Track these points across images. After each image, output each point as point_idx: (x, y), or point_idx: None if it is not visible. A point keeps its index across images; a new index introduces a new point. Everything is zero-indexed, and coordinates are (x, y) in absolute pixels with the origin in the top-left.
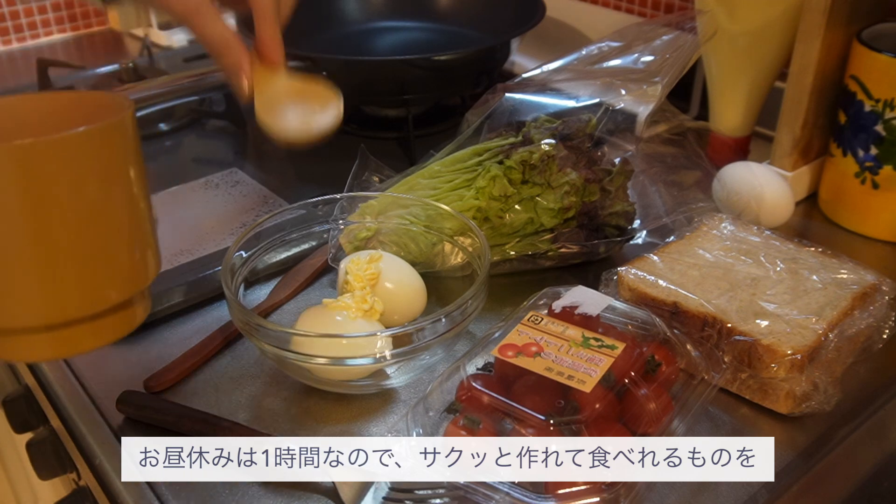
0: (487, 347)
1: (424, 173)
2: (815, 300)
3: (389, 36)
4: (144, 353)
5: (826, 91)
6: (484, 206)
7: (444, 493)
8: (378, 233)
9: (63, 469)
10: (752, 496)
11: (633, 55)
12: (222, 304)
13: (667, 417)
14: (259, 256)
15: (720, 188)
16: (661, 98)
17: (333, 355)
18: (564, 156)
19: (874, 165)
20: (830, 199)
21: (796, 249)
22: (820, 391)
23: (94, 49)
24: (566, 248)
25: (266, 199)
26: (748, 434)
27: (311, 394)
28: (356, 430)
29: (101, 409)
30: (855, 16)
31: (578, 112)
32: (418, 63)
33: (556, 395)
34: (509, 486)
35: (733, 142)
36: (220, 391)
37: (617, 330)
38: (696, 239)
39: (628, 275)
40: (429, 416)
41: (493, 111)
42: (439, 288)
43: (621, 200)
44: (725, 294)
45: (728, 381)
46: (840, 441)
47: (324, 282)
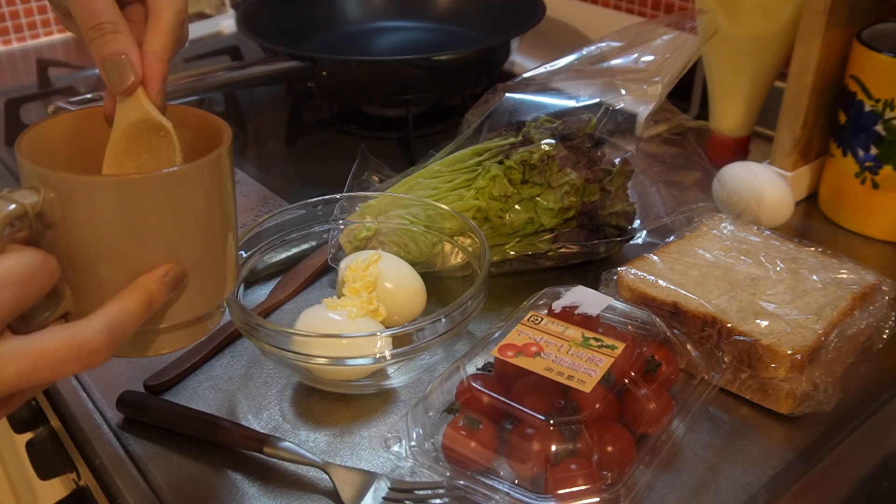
0: (487, 347)
1: (424, 173)
2: (815, 300)
3: (389, 36)
4: None
5: (826, 91)
6: (484, 206)
7: (444, 493)
8: (378, 233)
9: (63, 469)
10: (752, 496)
11: (633, 55)
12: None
13: (667, 417)
14: (259, 256)
15: (720, 188)
16: (662, 98)
17: (333, 355)
18: (564, 156)
19: (874, 165)
20: (830, 199)
21: (796, 249)
22: (820, 391)
23: None
24: (566, 248)
25: (266, 199)
26: (748, 434)
27: (311, 394)
28: (356, 430)
29: (101, 409)
30: (855, 16)
31: (578, 112)
32: (418, 63)
33: (556, 395)
34: (509, 486)
35: (733, 142)
36: (220, 391)
37: (617, 330)
38: (696, 239)
39: (628, 275)
40: (429, 416)
41: (493, 111)
42: (439, 288)
43: (621, 200)
44: (725, 294)
45: (728, 381)
46: (840, 441)
47: (324, 282)
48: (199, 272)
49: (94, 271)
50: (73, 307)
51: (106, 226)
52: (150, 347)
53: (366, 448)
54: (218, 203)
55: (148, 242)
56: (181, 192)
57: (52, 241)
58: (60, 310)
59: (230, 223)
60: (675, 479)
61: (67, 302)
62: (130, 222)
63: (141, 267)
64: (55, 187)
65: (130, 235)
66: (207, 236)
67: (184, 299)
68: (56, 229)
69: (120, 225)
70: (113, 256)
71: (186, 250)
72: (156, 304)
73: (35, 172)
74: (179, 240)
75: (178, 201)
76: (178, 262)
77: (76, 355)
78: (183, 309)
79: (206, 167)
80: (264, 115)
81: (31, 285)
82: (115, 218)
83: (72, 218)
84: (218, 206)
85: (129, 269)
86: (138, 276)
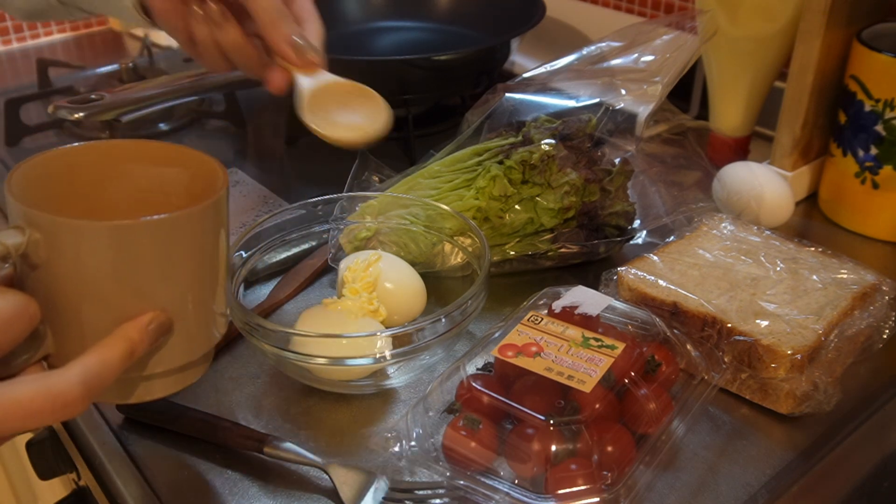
0: (487, 347)
1: (424, 173)
2: (815, 300)
3: (389, 36)
4: None
5: (826, 91)
6: (484, 206)
7: (444, 493)
8: (378, 233)
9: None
10: (752, 496)
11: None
12: None
13: (667, 417)
14: (259, 256)
15: (720, 188)
16: (662, 98)
17: (333, 355)
18: (564, 156)
19: (874, 165)
20: (830, 199)
21: (796, 249)
22: (820, 391)
23: (94, 49)
24: (566, 248)
25: (266, 199)
26: (748, 434)
27: (311, 394)
28: (356, 430)
29: (101, 409)
30: (855, 16)
31: (578, 112)
32: (418, 63)
33: (556, 395)
34: (509, 486)
35: (733, 142)
36: (220, 391)
37: (617, 330)
38: (696, 239)
39: (628, 275)
40: (429, 416)
41: (493, 111)
42: (439, 288)
43: (621, 200)
44: (725, 294)
45: (728, 381)
46: (840, 441)
47: (324, 282)
48: (186, 320)
49: (76, 315)
50: (53, 350)
51: (92, 269)
52: (132, 394)
53: (366, 448)
54: (210, 250)
55: (135, 288)
56: (172, 238)
57: (35, 281)
58: (41, 353)
59: (221, 270)
60: (675, 479)
61: (48, 345)
62: (118, 267)
63: (126, 312)
64: (41, 228)
65: (117, 280)
66: (197, 283)
67: (168, 347)
68: (40, 270)
69: (106, 269)
70: (97, 301)
71: (174, 297)
72: (137, 353)
73: (21, 212)
74: (167, 286)
75: (168, 247)
76: (164, 309)
77: (50, 407)
78: (167, 357)
79: (197, 215)
80: (264, 115)
81: (11, 330)
82: (103, 262)
83: (57, 260)
84: (210, 252)
85: (113, 314)
86: (123, 321)
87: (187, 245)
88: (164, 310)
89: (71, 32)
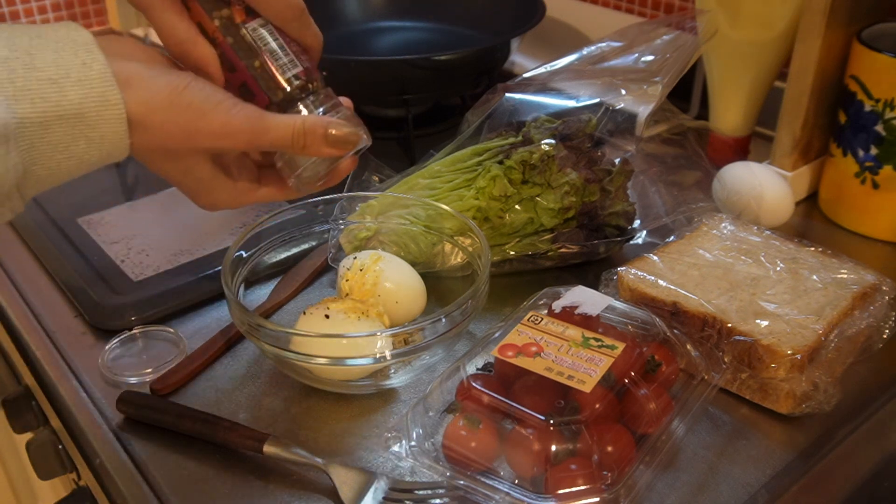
0: (487, 347)
1: (424, 173)
2: (815, 300)
3: (389, 36)
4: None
5: (826, 91)
6: (484, 206)
7: (444, 493)
8: (378, 233)
9: (63, 469)
10: (752, 496)
11: (633, 55)
12: (222, 305)
13: (667, 417)
14: (259, 256)
15: (720, 188)
16: (662, 98)
17: (333, 355)
18: (564, 156)
19: (874, 165)
20: (830, 199)
21: (796, 249)
22: (820, 391)
23: None
24: (566, 248)
25: None
26: (748, 434)
27: (311, 394)
28: (356, 430)
29: (101, 409)
30: (855, 16)
31: (578, 112)
32: (418, 63)
33: (556, 395)
34: (509, 486)
35: (733, 142)
36: (220, 391)
37: (617, 330)
38: (696, 239)
39: (628, 275)
40: (429, 416)
41: (493, 111)
42: (439, 288)
43: (621, 200)
44: (725, 294)
45: (728, 381)
46: (840, 441)
47: (324, 282)
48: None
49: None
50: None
51: None
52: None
53: (366, 448)
54: None
55: None
56: None
57: None
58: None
59: None
60: (675, 479)
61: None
62: None
63: None
64: None
65: None
66: None
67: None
68: None
69: None
70: None
71: None
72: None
73: None
74: None
75: None
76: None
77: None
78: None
79: None
80: None
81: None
82: None
83: None
84: None
85: None
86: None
87: None
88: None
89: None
